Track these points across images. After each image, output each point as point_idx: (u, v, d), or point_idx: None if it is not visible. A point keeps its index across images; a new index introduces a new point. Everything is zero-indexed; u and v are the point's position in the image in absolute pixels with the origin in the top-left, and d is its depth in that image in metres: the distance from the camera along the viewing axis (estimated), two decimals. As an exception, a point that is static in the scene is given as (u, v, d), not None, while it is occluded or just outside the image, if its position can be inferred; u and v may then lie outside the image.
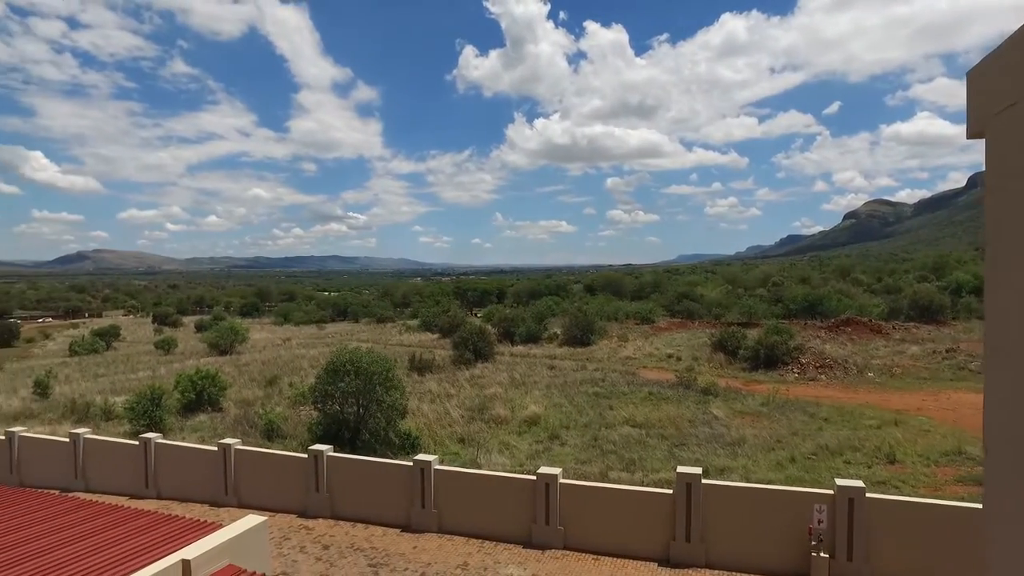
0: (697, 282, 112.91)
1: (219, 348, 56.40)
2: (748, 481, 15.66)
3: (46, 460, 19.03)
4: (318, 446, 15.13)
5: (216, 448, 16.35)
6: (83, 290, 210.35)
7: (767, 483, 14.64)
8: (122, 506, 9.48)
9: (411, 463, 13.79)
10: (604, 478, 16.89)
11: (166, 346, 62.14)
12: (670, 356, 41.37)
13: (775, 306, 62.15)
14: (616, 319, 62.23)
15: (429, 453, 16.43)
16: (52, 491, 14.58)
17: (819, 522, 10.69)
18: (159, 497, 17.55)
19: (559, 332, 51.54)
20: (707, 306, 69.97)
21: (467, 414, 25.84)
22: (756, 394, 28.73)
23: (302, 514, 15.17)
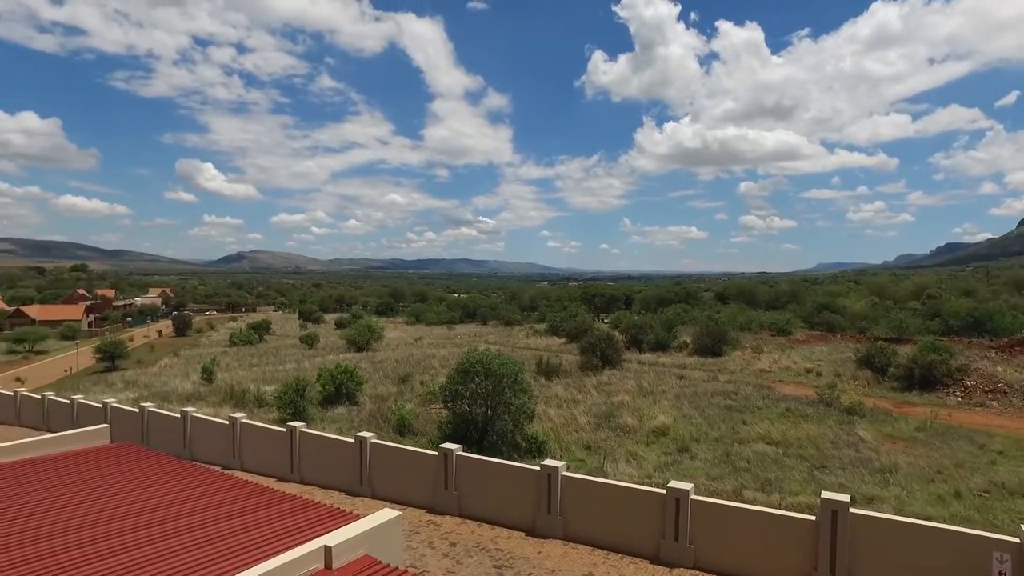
0: (839, 292, 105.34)
1: (356, 345, 59.79)
2: (902, 514, 14.24)
3: (210, 439, 20.97)
4: (448, 445, 15.50)
5: (353, 440, 17.21)
6: (241, 287, 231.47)
7: (927, 519, 13.22)
8: (272, 488, 10.16)
9: (538, 468, 13.76)
10: (738, 497, 16.03)
11: (310, 341, 66.83)
12: (809, 371, 38.80)
13: (931, 321, 56.54)
14: (749, 329, 59.36)
15: (555, 458, 16.35)
16: (214, 467, 16.00)
17: (1000, 573, 9.40)
18: (302, 482, 18.75)
19: (689, 341, 49.89)
20: (850, 319, 65.05)
21: (594, 421, 25.57)
22: (910, 417, 26.20)
23: (431, 510, 15.60)
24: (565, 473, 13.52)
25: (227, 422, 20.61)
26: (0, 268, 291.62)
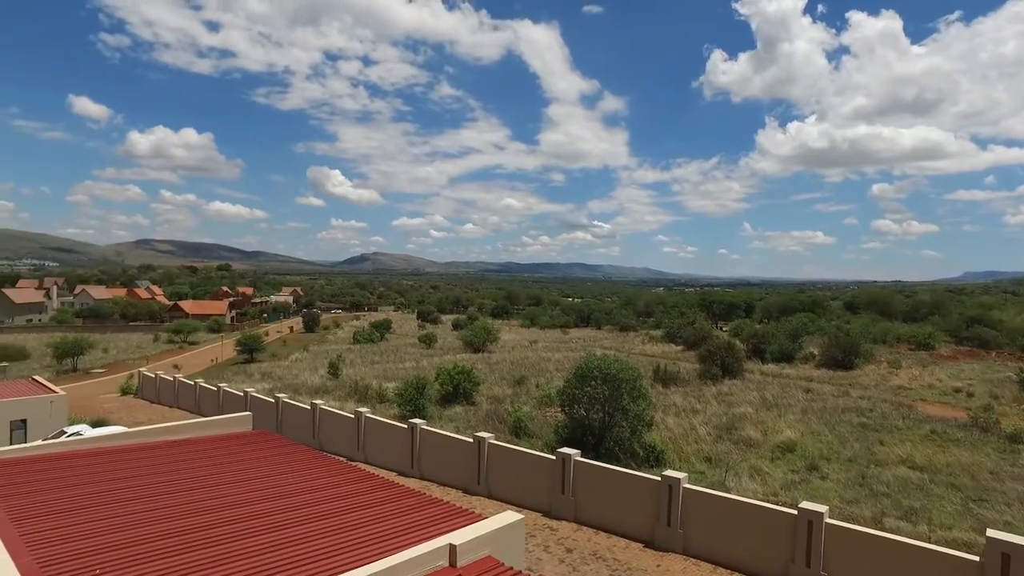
0: (992, 304, 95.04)
1: (473, 346, 61.07)
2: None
3: (337, 431, 22.10)
4: (565, 449, 15.39)
5: (471, 440, 17.50)
6: (364, 287, 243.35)
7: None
8: (397, 483, 10.48)
9: (658, 478, 13.35)
10: (878, 524, 14.78)
11: (428, 340, 69.03)
12: (958, 390, 35.31)
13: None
14: (884, 342, 55.04)
15: (674, 469, 15.80)
16: (340, 458, 16.81)
17: None
18: (421, 477, 19.31)
19: (816, 352, 46.96)
20: (1008, 334, 58.56)
21: (714, 432, 24.56)
22: (1088, 449, 23.14)
23: (547, 513, 15.54)
24: (687, 485, 13.02)
25: (353, 416, 21.61)
26: (162, 267, 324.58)
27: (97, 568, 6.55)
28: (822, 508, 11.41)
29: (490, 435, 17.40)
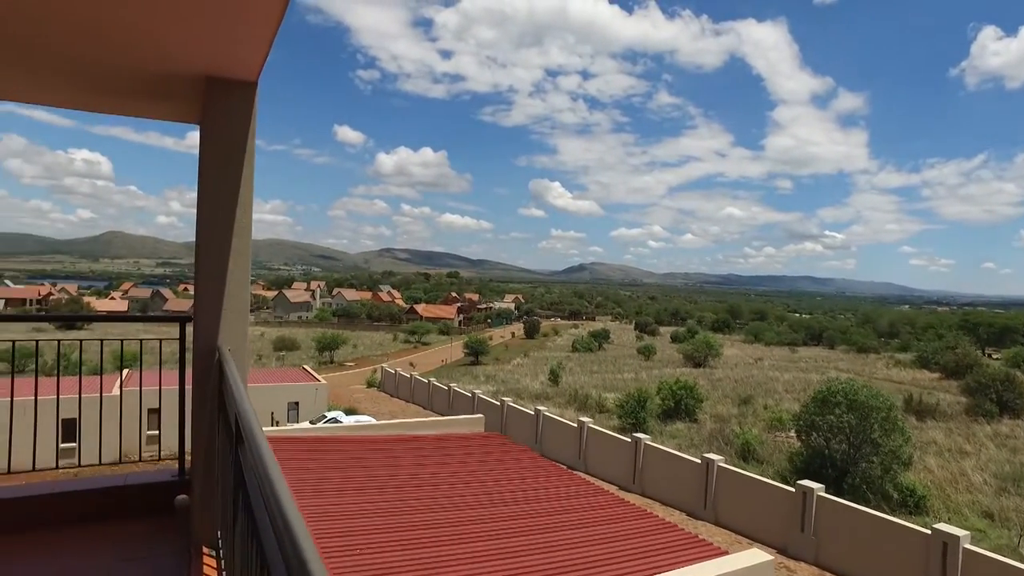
0: None
1: (693, 360, 58.79)
2: None
3: (559, 438, 22.46)
4: (807, 482, 13.94)
5: (699, 461, 16.65)
6: (582, 296, 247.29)
7: None
8: (629, 502, 10.20)
9: (927, 531, 11.46)
10: None
11: (646, 352, 67.89)
12: None
13: None
14: None
15: (939, 519, 13.52)
16: (560, 465, 16.98)
17: None
18: (643, 494, 18.82)
19: None
20: None
21: (995, 482, 20.69)
22: None
23: (782, 551, 14.21)
24: (969, 546, 10.98)
25: (575, 425, 21.79)
26: (400, 273, 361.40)
27: (358, 547, 7.15)
28: None
29: (719, 457, 16.40)
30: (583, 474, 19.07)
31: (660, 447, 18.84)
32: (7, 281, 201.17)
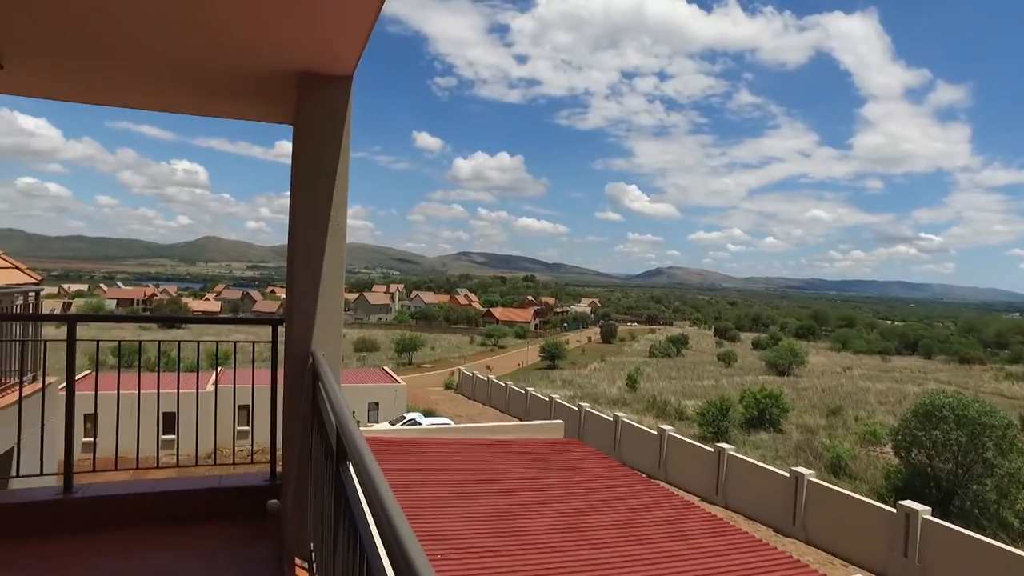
0: None
1: (776, 368, 56.50)
2: None
3: (638, 445, 21.96)
4: (910, 503, 12.99)
5: (787, 474, 15.85)
6: (659, 301, 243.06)
7: None
8: (716, 516, 9.76)
9: (1054, 562, 10.43)
10: None
11: (726, 359, 65.82)
12: None
13: None
14: None
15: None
16: (640, 474, 16.54)
17: None
18: (726, 506, 18.11)
19: None
20: None
21: None
22: None
23: None
24: (1104, 580, 9.92)
25: (655, 432, 21.24)
26: (477, 277, 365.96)
27: (439, 552, 7.08)
28: None
29: (809, 471, 15.57)
30: (663, 483, 18.54)
31: (745, 458, 18.09)
32: (118, 283, 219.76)
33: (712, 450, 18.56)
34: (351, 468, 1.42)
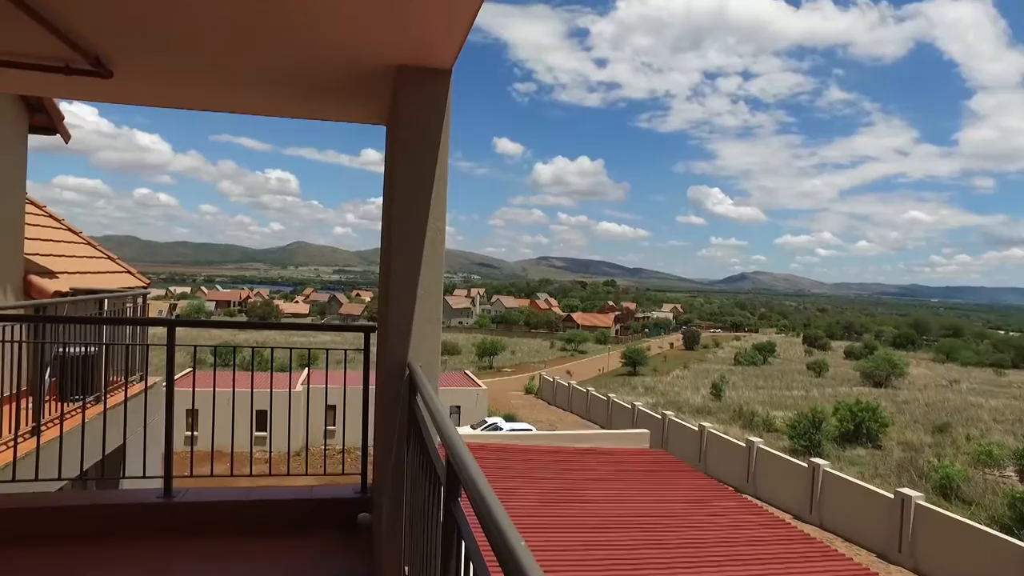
0: None
1: (873, 379, 53.31)
2: None
3: (724, 457, 21.11)
4: (1038, 533, 11.80)
5: (891, 496, 14.78)
6: (744, 307, 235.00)
7: None
8: (813, 538, 9.15)
9: None
10: None
11: (817, 368, 62.69)
12: None
13: None
14: None
15: None
16: (727, 487, 15.84)
17: None
18: (821, 526, 17.09)
19: None
20: None
21: None
22: None
23: (1006, 612, 12.13)
24: None
25: (743, 444, 20.37)
26: (557, 281, 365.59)
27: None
28: None
29: (917, 494, 14.46)
30: (752, 498, 17.72)
31: (842, 475, 17.05)
32: (217, 285, 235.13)
33: (806, 465, 17.59)
34: (464, 500, 1.24)
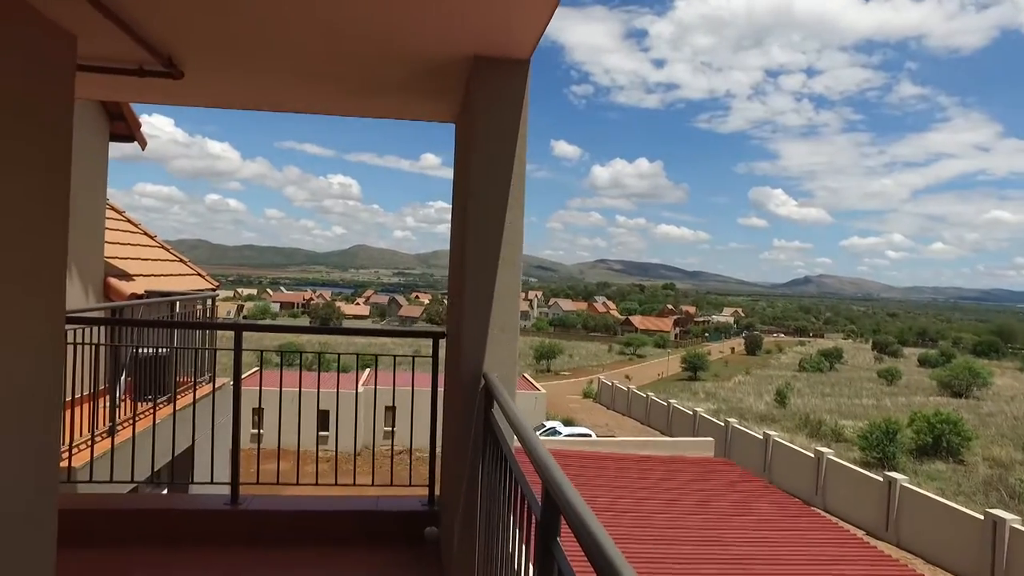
0: None
1: (951, 389, 50.47)
2: None
3: (791, 467, 20.30)
4: None
5: (981, 516, 13.84)
6: (808, 311, 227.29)
7: None
8: (894, 559, 8.60)
9: None
10: None
11: (889, 376, 59.87)
12: None
13: None
14: None
15: None
16: (794, 499, 15.16)
17: None
18: (898, 545, 16.19)
19: None
20: None
21: None
22: None
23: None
24: None
25: (811, 455, 19.54)
26: (615, 284, 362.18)
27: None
28: None
29: (1012, 516, 13.48)
30: (822, 512, 16.95)
31: (922, 492, 16.11)
32: (282, 287, 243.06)
33: (881, 479, 16.70)
34: (580, 535, 1.06)
